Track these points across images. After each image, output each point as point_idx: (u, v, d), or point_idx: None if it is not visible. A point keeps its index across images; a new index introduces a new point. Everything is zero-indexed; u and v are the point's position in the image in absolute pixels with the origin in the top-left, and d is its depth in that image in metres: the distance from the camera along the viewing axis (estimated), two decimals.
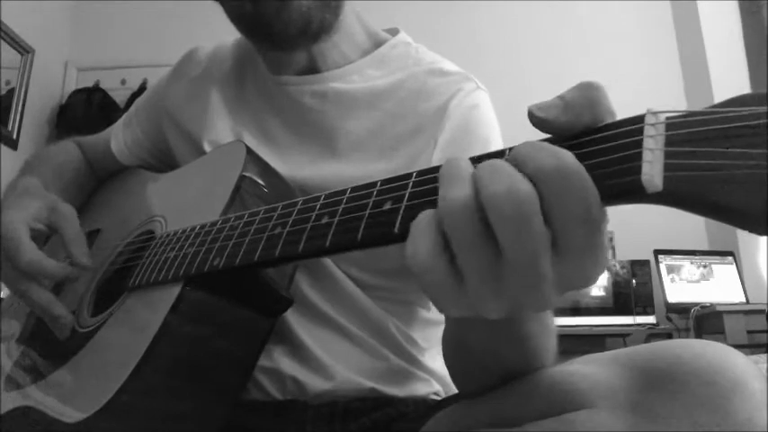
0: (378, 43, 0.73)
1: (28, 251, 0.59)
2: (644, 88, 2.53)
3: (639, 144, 0.27)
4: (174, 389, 0.50)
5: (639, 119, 0.28)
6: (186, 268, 0.51)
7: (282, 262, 0.44)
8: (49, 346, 0.62)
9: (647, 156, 0.27)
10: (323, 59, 0.69)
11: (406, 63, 0.70)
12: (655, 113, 0.28)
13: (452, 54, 0.75)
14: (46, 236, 0.65)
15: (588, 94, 0.30)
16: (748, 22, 2.66)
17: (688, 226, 2.65)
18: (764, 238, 2.45)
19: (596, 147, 0.29)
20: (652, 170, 0.26)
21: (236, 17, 0.65)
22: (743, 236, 2.49)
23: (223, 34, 0.77)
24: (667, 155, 0.27)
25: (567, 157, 0.27)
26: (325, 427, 0.60)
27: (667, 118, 0.28)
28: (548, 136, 0.32)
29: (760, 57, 2.53)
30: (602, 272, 0.29)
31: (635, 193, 0.27)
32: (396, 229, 0.34)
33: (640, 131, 0.28)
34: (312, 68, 0.69)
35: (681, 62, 2.85)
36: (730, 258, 2.47)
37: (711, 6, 2.73)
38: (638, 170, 0.27)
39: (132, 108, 0.86)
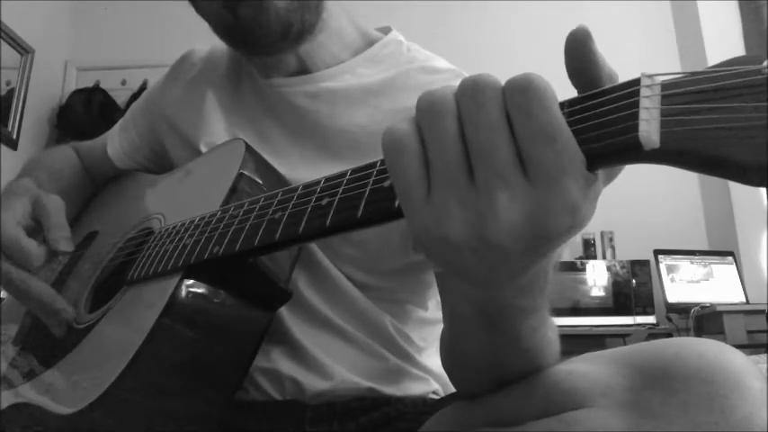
0: (370, 42, 0.73)
1: (34, 250, 0.59)
2: None
3: (636, 104, 0.28)
4: (170, 383, 0.50)
5: (635, 81, 0.29)
6: (185, 258, 0.50)
7: (284, 245, 0.44)
8: (46, 344, 0.62)
9: (643, 114, 0.28)
10: (312, 60, 0.69)
11: (399, 61, 0.70)
12: (650, 76, 0.29)
13: (451, 54, 0.75)
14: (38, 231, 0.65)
15: (614, 76, 0.32)
16: (748, 22, 2.66)
17: (688, 226, 2.65)
18: (764, 237, 2.46)
19: (594, 110, 0.30)
20: (649, 127, 0.27)
21: (217, 25, 0.65)
22: (743, 236, 2.49)
23: None
24: (663, 112, 0.28)
25: (534, 76, 0.29)
26: (324, 427, 0.60)
27: (662, 80, 0.29)
28: None
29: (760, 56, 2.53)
30: (573, 206, 0.29)
31: (633, 150, 0.28)
32: (396, 204, 0.34)
33: (637, 93, 0.29)
34: (303, 70, 0.69)
35: (681, 62, 2.85)
36: (730, 258, 2.47)
37: (711, 6, 2.74)
38: (636, 128, 0.27)
39: (128, 112, 0.86)
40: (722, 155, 0.26)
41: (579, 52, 0.31)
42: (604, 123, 0.29)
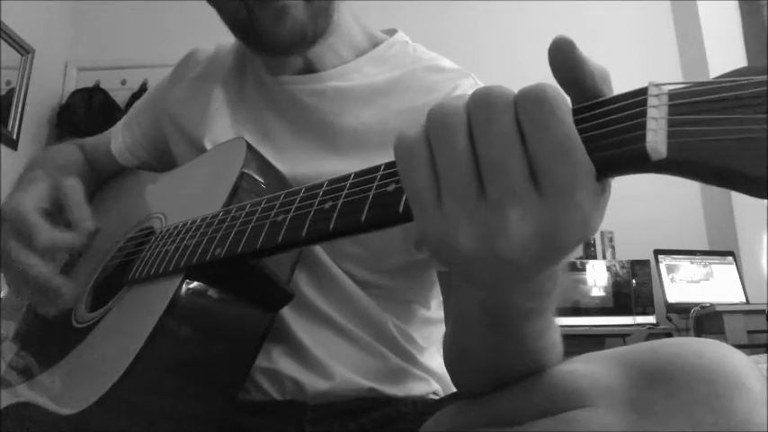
0: (375, 43, 0.73)
1: (43, 229, 0.58)
2: None
3: (643, 114, 0.28)
4: (171, 384, 0.50)
5: (643, 91, 0.29)
6: (187, 259, 0.50)
7: (286, 248, 0.44)
8: (46, 343, 0.62)
9: (650, 124, 0.27)
10: (320, 61, 0.69)
11: (405, 61, 0.70)
12: (657, 85, 0.29)
13: (451, 54, 0.75)
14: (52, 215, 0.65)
15: (607, 75, 0.32)
16: (748, 22, 2.66)
17: (688, 226, 2.65)
18: (764, 237, 2.46)
19: (601, 119, 0.29)
20: (656, 138, 0.27)
21: (231, 22, 0.65)
22: (743, 236, 2.49)
23: (223, 35, 0.77)
24: (670, 123, 0.27)
25: (547, 86, 0.29)
26: (324, 427, 0.60)
27: (670, 90, 0.29)
28: None
29: (760, 57, 2.53)
30: (584, 219, 0.28)
31: (640, 161, 0.28)
32: (400, 209, 0.34)
33: (644, 102, 0.28)
34: (309, 69, 0.69)
35: (681, 62, 2.85)
36: (730, 258, 2.47)
37: (711, 6, 2.74)
38: (643, 138, 0.27)
39: (132, 110, 0.86)
40: (728, 167, 0.25)
41: (568, 64, 0.30)
42: (611, 133, 0.29)
